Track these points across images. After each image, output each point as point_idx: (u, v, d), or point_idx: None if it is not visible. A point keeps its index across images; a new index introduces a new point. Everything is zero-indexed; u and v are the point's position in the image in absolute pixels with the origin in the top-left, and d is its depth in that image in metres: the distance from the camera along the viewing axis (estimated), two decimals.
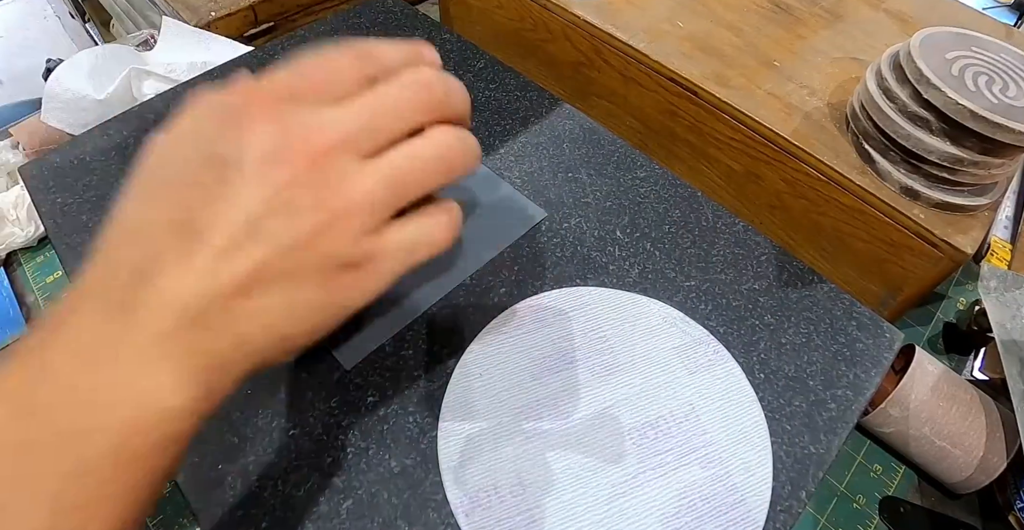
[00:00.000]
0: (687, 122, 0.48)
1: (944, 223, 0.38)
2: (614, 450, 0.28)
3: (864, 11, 0.53)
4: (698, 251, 0.36)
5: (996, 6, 0.82)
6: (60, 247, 0.34)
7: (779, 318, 0.34)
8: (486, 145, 0.41)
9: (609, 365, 0.31)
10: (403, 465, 0.27)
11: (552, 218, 0.37)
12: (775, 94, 0.45)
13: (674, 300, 0.34)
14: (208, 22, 0.56)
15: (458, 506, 0.26)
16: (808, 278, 0.35)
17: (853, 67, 0.48)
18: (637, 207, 0.38)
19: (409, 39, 0.22)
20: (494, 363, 0.30)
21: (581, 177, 0.39)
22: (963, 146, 0.37)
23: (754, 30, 0.50)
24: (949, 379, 0.40)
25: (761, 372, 0.31)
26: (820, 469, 0.28)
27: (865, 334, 0.33)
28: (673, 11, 0.51)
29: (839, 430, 0.30)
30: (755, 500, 0.27)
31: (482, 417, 0.29)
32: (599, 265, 0.35)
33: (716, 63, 0.47)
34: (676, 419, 0.29)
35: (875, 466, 0.42)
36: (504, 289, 0.33)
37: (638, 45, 0.47)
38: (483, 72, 0.46)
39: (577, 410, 0.29)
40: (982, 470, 0.38)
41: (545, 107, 0.43)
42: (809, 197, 0.43)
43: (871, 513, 0.39)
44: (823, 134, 0.43)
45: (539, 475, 0.27)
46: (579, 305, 0.33)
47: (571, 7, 0.50)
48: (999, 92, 0.36)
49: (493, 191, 0.38)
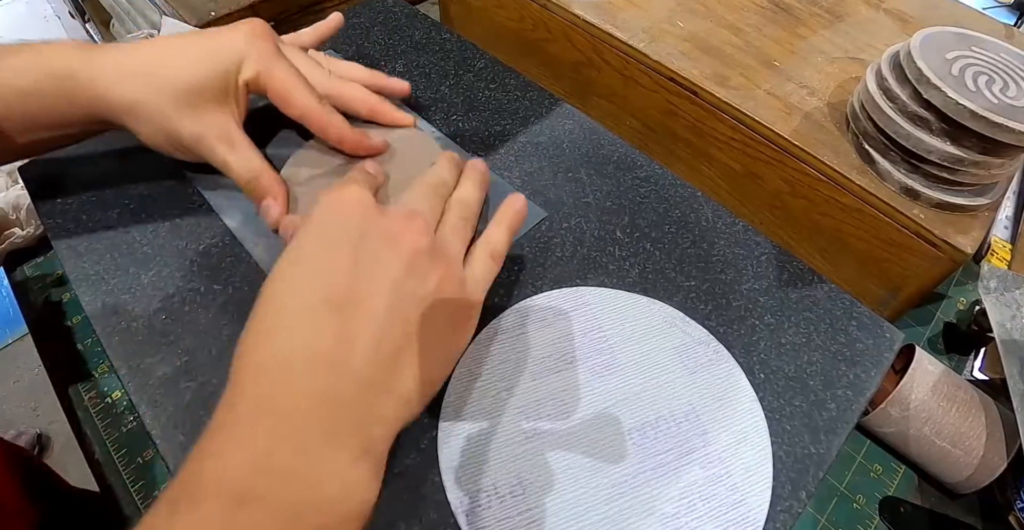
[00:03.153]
0: (687, 122, 0.48)
1: (944, 223, 0.38)
2: (614, 450, 0.28)
3: (864, 11, 0.53)
4: (698, 251, 0.36)
5: (996, 6, 0.82)
6: (60, 247, 0.34)
7: (779, 318, 0.34)
8: (486, 145, 0.41)
9: (609, 365, 0.31)
10: (403, 465, 0.27)
11: (552, 218, 0.37)
12: (775, 94, 0.45)
13: (674, 300, 0.34)
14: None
15: (458, 506, 0.26)
16: (808, 278, 0.35)
17: (853, 67, 0.48)
18: (637, 207, 0.38)
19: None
20: (494, 363, 0.30)
21: (581, 177, 0.39)
22: (963, 146, 0.37)
23: (754, 30, 0.50)
24: (949, 379, 0.40)
25: (761, 372, 0.31)
26: (820, 469, 0.28)
27: (865, 334, 0.33)
28: (673, 11, 0.51)
29: (839, 430, 0.30)
30: (755, 500, 0.27)
31: (482, 417, 0.29)
32: (599, 265, 0.35)
33: (716, 63, 0.47)
34: (676, 419, 0.29)
35: (875, 466, 0.42)
36: (504, 289, 0.33)
37: (638, 45, 0.47)
38: (483, 72, 0.46)
39: (577, 410, 0.29)
40: (982, 470, 0.38)
41: (545, 107, 0.43)
42: (809, 197, 0.43)
43: (871, 513, 0.39)
44: (823, 134, 0.43)
45: (539, 475, 0.27)
46: (579, 305, 0.33)
47: (571, 7, 0.50)
48: (999, 92, 0.36)
49: (493, 191, 0.38)
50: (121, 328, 0.31)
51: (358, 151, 0.35)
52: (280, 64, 0.32)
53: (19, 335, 1.39)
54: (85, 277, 0.33)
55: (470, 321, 0.28)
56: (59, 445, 1.24)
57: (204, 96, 0.31)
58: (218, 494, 0.19)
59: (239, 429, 0.21)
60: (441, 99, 0.43)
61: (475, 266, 0.29)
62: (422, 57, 0.46)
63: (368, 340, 0.23)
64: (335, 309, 0.23)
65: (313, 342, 0.22)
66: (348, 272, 0.24)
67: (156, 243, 0.34)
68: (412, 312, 0.24)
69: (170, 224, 0.35)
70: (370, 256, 0.24)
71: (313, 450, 0.21)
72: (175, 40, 0.32)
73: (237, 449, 0.20)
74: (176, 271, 0.33)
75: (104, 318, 0.31)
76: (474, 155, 0.40)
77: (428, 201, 0.30)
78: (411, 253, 0.25)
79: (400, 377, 0.24)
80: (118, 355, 0.30)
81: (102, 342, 0.30)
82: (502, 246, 0.30)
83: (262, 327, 0.23)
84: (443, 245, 0.28)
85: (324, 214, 0.26)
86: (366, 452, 0.22)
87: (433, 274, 0.26)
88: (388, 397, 0.23)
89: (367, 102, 0.37)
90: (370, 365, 0.23)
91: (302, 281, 0.24)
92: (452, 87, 0.44)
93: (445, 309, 0.26)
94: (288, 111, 0.33)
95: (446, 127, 0.41)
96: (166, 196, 0.36)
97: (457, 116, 0.42)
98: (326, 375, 0.22)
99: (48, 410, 1.26)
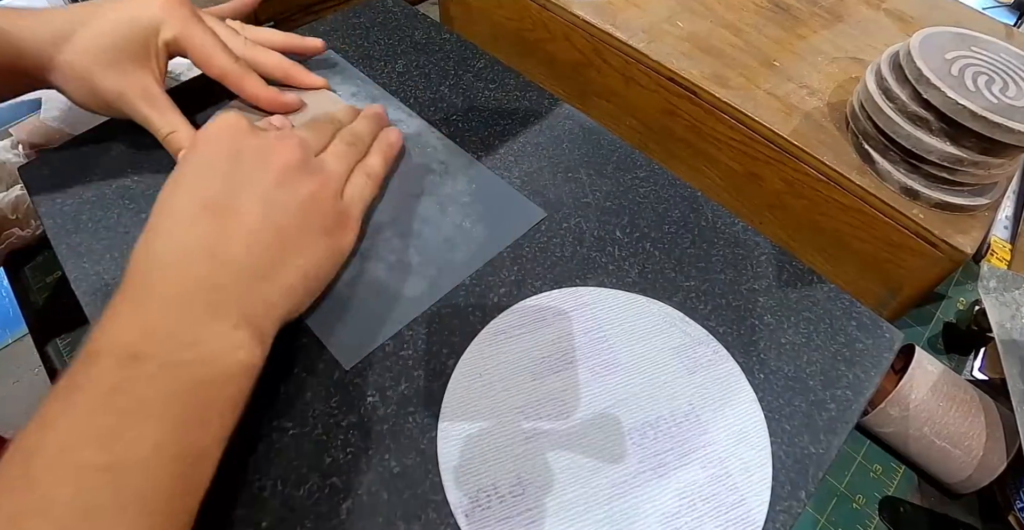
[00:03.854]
0: (687, 122, 0.48)
1: (944, 223, 0.38)
2: (614, 450, 0.28)
3: (864, 11, 0.53)
4: (698, 251, 0.36)
5: (996, 6, 0.82)
6: (60, 247, 0.34)
7: (779, 318, 0.34)
8: (486, 145, 0.41)
9: (609, 365, 0.31)
10: (403, 465, 0.27)
11: (552, 218, 0.37)
12: (775, 94, 0.45)
13: (674, 300, 0.34)
14: None
15: (458, 506, 0.26)
16: (808, 278, 0.35)
17: (853, 67, 0.48)
18: (637, 207, 0.38)
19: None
20: (494, 363, 0.30)
21: (581, 177, 0.39)
22: (963, 146, 0.37)
23: (754, 30, 0.50)
24: (949, 379, 0.40)
25: (761, 372, 0.31)
26: (820, 469, 0.28)
27: (865, 334, 0.33)
28: (673, 11, 0.51)
29: (839, 430, 0.30)
30: (755, 500, 0.27)
31: (482, 417, 0.29)
32: (599, 265, 0.35)
33: (716, 63, 0.47)
34: (676, 419, 0.29)
35: (875, 466, 0.42)
36: (504, 289, 0.33)
37: (638, 45, 0.47)
38: (483, 72, 0.46)
39: (577, 410, 0.29)
40: (982, 470, 0.38)
41: (545, 107, 0.43)
42: (809, 197, 0.43)
43: (871, 513, 0.40)
44: (823, 134, 0.43)
45: (539, 475, 0.27)
46: (579, 305, 0.33)
47: (571, 7, 0.50)
48: (999, 92, 0.36)
49: (493, 191, 0.38)
50: None
51: (273, 107, 0.38)
52: (198, 27, 0.35)
53: (19, 335, 1.39)
54: (85, 277, 0.33)
55: (346, 229, 0.32)
56: None
57: (125, 54, 0.33)
58: (111, 352, 0.23)
59: (131, 306, 0.25)
60: (441, 99, 0.43)
61: (351, 185, 0.33)
62: (422, 57, 0.46)
63: (244, 237, 0.27)
64: (213, 212, 0.27)
65: (194, 238, 0.26)
66: (223, 184, 0.28)
67: None
68: (283, 218, 0.28)
69: None
70: (243, 170, 0.29)
71: (195, 318, 0.25)
72: (96, 6, 0.34)
73: (129, 319, 0.24)
74: None
75: None
76: (475, 155, 0.40)
77: (313, 130, 0.34)
78: (282, 165, 0.29)
79: (275, 268, 0.27)
80: None
81: None
82: (378, 168, 0.35)
83: (151, 229, 0.27)
84: (320, 163, 0.32)
85: (204, 137, 0.30)
86: (247, 322, 0.25)
87: (304, 186, 0.30)
88: (267, 283, 0.27)
89: (280, 65, 0.40)
90: (247, 256, 0.27)
91: (184, 191, 0.28)
92: (452, 87, 0.44)
93: (318, 216, 0.30)
94: (208, 70, 0.36)
95: (446, 127, 0.41)
96: None
97: (457, 116, 0.42)
98: (206, 264, 0.26)
99: None
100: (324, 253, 0.30)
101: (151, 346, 0.23)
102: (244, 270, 0.27)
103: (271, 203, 0.28)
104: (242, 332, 0.25)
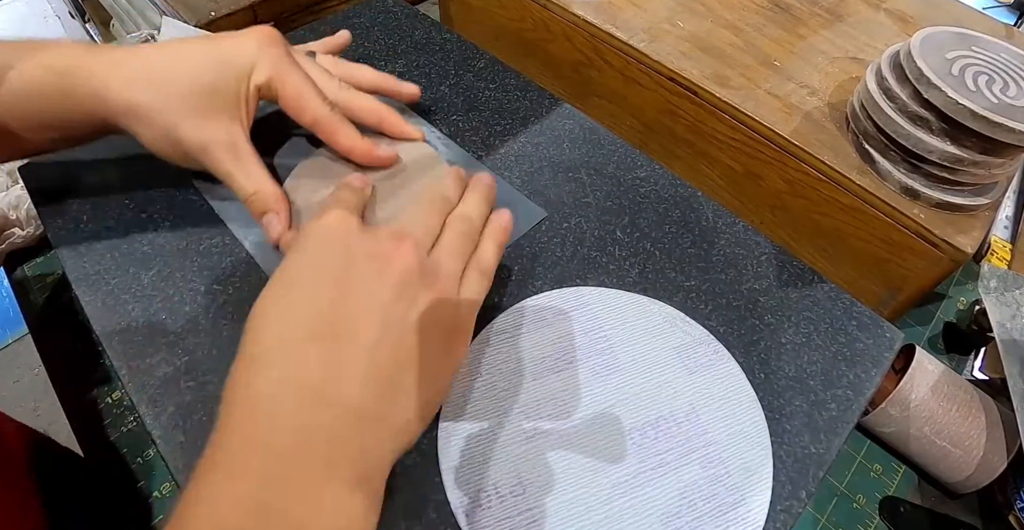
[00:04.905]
0: (687, 122, 0.48)
1: (944, 223, 0.38)
2: (614, 450, 0.28)
3: (864, 11, 0.53)
4: (698, 251, 0.36)
5: (996, 6, 0.82)
6: (60, 247, 0.34)
7: (779, 318, 0.34)
8: (486, 145, 0.41)
9: (609, 365, 0.31)
10: (403, 465, 0.27)
11: (552, 218, 0.37)
12: (775, 94, 0.45)
13: (674, 300, 0.34)
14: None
15: (458, 506, 0.26)
16: (808, 278, 0.35)
17: (853, 67, 0.48)
18: (637, 207, 0.38)
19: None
20: (494, 363, 0.30)
21: (581, 177, 0.39)
22: (963, 146, 0.37)
23: (754, 30, 0.50)
24: (949, 379, 0.40)
25: (761, 372, 0.31)
26: (820, 469, 0.28)
27: (865, 334, 0.33)
28: (673, 11, 0.51)
29: (839, 430, 0.30)
30: (755, 500, 0.27)
31: (482, 417, 0.29)
32: (599, 265, 0.35)
33: (716, 63, 0.47)
34: (676, 419, 0.29)
35: (875, 466, 0.42)
36: (504, 289, 0.33)
37: (638, 45, 0.47)
38: (483, 72, 0.46)
39: (577, 410, 0.29)
40: (982, 470, 0.38)
41: (545, 107, 0.43)
42: (809, 197, 0.43)
43: (871, 513, 0.39)
44: (823, 134, 0.43)
45: (539, 475, 0.27)
46: (579, 305, 0.33)
47: (571, 7, 0.50)
48: (999, 92, 0.36)
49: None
50: (121, 328, 0.31)
51: (368, 162, 0.34)
52: (293, 70, 0.31)
53: (19, 335, 1.39)
54: (85, 277, 0.33)
55: (463, 342, 0.27)
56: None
57: (213, 103, 0.30)
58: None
59: (229, 471, 0.20)
60: (441, 99, 0.43)
61: (466, 286, 0.28)
62: (422, 57, 0.46)
63: (357, 370, 0.23)
64: (321, 340, 0.23)
65: (301, 375, 0.22)
66: (334, 300, 0.24)
67: (156, 243, 0.34)
68: (402, 337, 0.24)
69: (170, 224, 0.35)
70: (356, 282, 0.24)
71: (305, 488, 0.20)
72: (183, 44, 0.31)
73: (228, 493, 0.20)
74: (176, 271, 0.33)
75: (104, 318, 0.31)
76: (475, 155, 0.40)
77: (424, 218, 0.29)
78: (399, 276, 0.25)
79: (394, 405, 0.23)
80: (118, 355, 0.30)
81: (102, 342, 0.30)
82: (491, 262, 0.30)
83: (250, 360, 0.23)
84: (435, 265, 0.27)
85: (307, 242, 0.26)
86: (361, 483, 0.21)
87: (423, 297, 0.25)
88: (382, 426, 0.23)
89: (376, 112, 0.36)
90: (360, 396, 0.22)
91: (287, 312, 0.24)
92: (452, 87, 0.44)
93: (437, 331, 0.25)
94: (299, 118, 0.32)
95: (446, 127, 0.41)
96: (166, 196, 0.36)
97: (457, 116, 0.42)
98: (315, 409, 0.22)
99: (48, 410, 1.26)
100: (442, 375, 0.26)
101: (255, 524, 0.19)
102: (356, 414, 0.22)
103: (389, 324, 0.24)
104: (359, 498, 0.21)
